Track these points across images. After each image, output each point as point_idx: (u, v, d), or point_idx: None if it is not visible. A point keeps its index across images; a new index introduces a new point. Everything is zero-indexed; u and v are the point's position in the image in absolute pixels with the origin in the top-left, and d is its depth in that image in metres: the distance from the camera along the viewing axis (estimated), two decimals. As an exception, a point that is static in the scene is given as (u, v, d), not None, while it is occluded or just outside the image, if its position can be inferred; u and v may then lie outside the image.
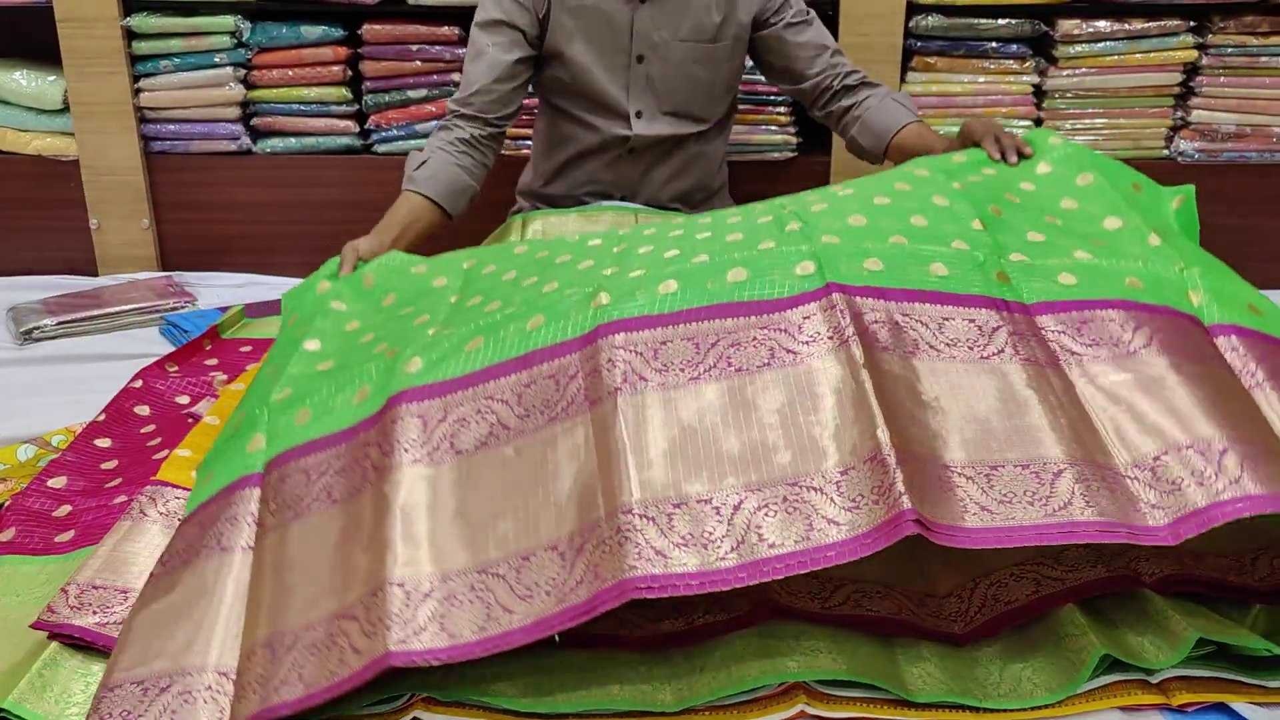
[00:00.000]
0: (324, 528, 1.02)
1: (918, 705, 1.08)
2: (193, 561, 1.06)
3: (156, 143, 2.42)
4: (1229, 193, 2.42)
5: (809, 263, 1.11)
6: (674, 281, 1.12)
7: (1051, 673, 1.11)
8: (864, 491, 0.94)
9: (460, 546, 0.97)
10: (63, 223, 2.44)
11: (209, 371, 1.85)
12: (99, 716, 1.00)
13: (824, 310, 1.07)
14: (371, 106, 2.38)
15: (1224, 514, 0.94)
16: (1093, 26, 2.31)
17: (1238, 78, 2.35)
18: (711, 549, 0.93)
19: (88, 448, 1.60)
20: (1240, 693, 1.09)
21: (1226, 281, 1.22)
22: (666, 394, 1.02)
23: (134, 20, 2.30)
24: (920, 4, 2.30)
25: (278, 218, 2.44)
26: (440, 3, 2.30)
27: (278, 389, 1.19)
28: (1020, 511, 0.95)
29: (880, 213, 1.23)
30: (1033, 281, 1.14)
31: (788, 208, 1.30)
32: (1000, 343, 1.06)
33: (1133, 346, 1.07)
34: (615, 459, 0.96)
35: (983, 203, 1.30)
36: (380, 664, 0.90)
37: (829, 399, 1.01)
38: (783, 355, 1.04)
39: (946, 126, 2.38)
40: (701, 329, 1.06)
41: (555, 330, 1.09)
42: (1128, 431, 1.01)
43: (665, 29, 1.89)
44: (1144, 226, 1.28)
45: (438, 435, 1.05)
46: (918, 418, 0.99)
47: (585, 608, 0.91)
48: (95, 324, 2.09)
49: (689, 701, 1.07)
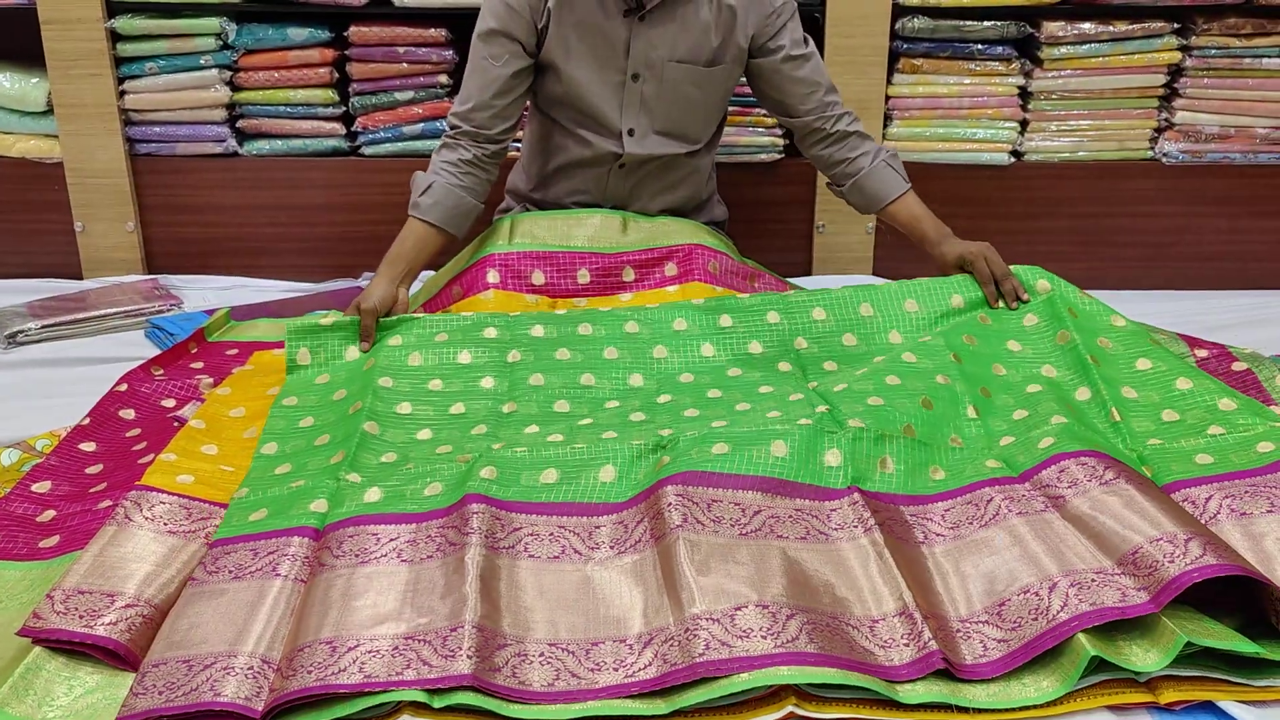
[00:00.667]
0: (391, 574, 1.22)
1: (906, 706, 1.09)
2: (245, 578, 1.24)
3: (141, 145, 2.40)
4: (1213, 194, 2.44)
5: (836, 451, 1.37)
6: (725, 445, 1.37)
7: (1041, 673, 1.12)
8: (895, 636, 1.15)
9: (537, 621, 1.17)
10: (47, 226, 2.42)
11: (194, 375, 1.84)
12: (143, 687, 1.09)
13: (849, 505, 1.32)
14: (358, 108, 2.38)
15: (1192, 579, 1.13)
16: (1077, 29, 2.32)
17: (1221, 79, 2.36)
18: (766, 640, 1.12)
19: (72, 452, 1.59)
20: (1227, 691, 1.10)
21: (1179, 441, 1.48)
22: (721, 539, 1.24)
23: (118, 22, 2.28)
24: (906, 6, 2.31)
25: (264, 220, 2.42)
26: (427, 5, 2.30)
27: (345, 469, 1.42)
28: (1028, 629, 1.16)
29: (894, 393, 1.52)
30: (1018, 456, 1.42)
31: (812, 382, 1.59)
32: (995, 509, 1.32)
33: (1107, 478, 1.32)
34: (680, 580, 1.18)
35: (975, 382, 1.59)
36: (458, 680, 1.07)
37: (858, 569, 1.23)
38: (817, 535, 1.28)
39: (933, 128, 2.40)
40: (747, 498, 1.31)
41: (625, 488, 1.36)
42: (1110, 537, 1.23)
43: (662, 49, 1.88)
44: (1107, 400, 1.56)
45: (514, 537, 1.28)
46: (933, 587, 1.23)
47: (654, 682, 1.10)
48: (80, 327, 2.08)
49: (679, 704, 1.08)
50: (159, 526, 1.34)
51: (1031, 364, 1.66)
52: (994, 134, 2.40)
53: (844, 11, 2.30)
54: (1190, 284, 2.45)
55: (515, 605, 1.18)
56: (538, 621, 1.17)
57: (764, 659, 1.09)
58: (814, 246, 2.47)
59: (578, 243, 1.90)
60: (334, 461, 1.45)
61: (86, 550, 1.28)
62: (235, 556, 1.27)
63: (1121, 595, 1.15)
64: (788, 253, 2.45)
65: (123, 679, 1.15)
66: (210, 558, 1.28)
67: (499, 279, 1.85)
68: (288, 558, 1.26)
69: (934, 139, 2.41)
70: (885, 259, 2.48)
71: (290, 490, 1.40)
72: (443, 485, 1.37)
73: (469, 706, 1.08)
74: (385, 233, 1.92)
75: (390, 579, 1.21)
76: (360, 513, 1.32)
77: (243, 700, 1.08)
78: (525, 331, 1.71)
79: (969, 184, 2.44)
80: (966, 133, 2.40)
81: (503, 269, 1.86)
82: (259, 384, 1.78)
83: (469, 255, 1.95)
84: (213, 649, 1.13)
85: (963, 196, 2.43)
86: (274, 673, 1.11)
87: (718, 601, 1.15)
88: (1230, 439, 1.47)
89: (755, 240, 2.29)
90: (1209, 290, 2.41)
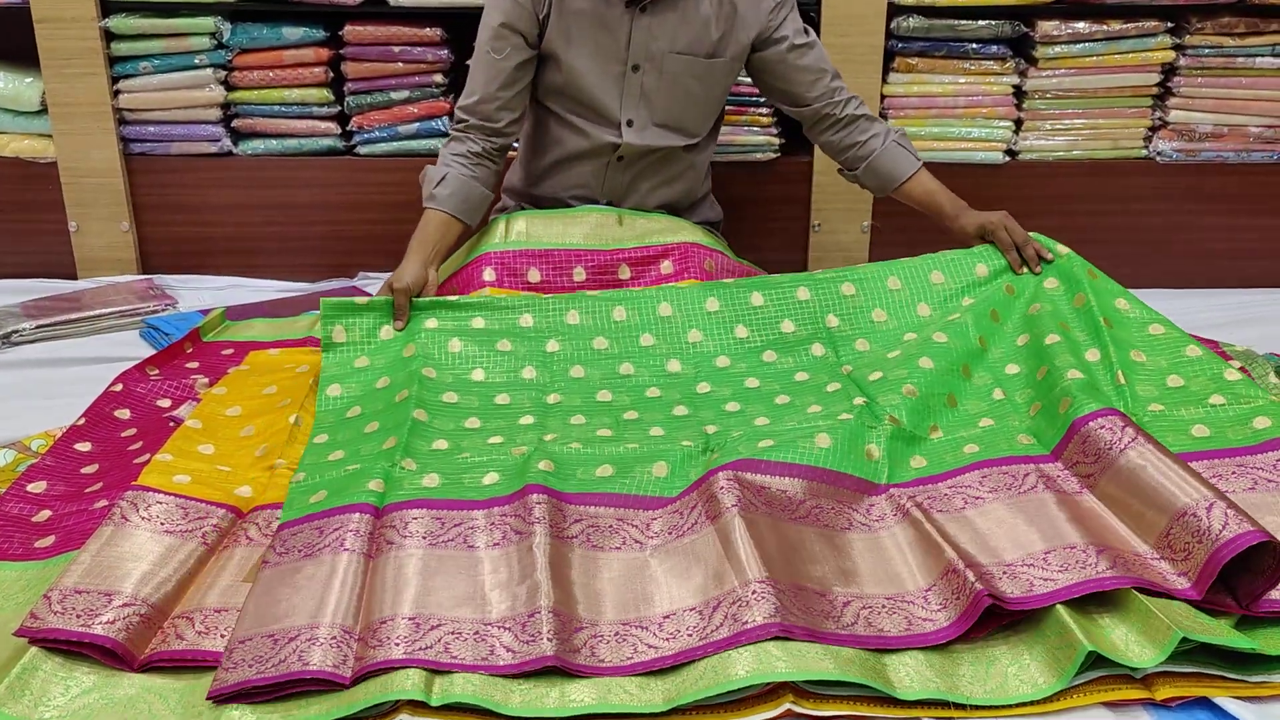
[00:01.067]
0: (462, 559, 1.27)
1: (904, 703, 1.09)
2: (315, 555, 1.28)
3: (136, 144, 2.40)
4: (1206, 192, 2.44)
5: (874, 447, 1.46)
6: (770, 439, 1.44)
7: (1037, 670, 1.12)
8: (947, 596, 1.21)
9: (603, 604, 1.23)
10: (41, 225, 2.42)
11: (190, 375, 1.84)
12: (232, 662, 1.13)
13: (886, 499, 1.40)
14: (354, 108, 2.37)
15: (1222, 559, 1.19)
16: (1072, 28, 2.32)
17: (1214, 78, 2.37)
18: (828, 621, 1.18)
19: (68, 452, 1.59)
20: (1223, 687, 1.11)
21: (1180, 410, 1.54)
22: (773, 521, 1.31)
23: (112, 21, 2.28)
24: (901, 5, 2.31)
25: (259, 220, 2.42)
26: (422, 4, 2.29)
27: (400, 454, 1.46)
28: (1073, 575, 1.22)
29: (927, 379, 1.60)
30: (1046, 432, 1.50)
31: (845, 365, 1.67)
32: (1031, 483, 1.40)
33: (1124, 442, 1.38)
34: (739, 551, 1.23)
35: (1000, 363, 1.67)
36: (541, 661, 1.12)
37: (897, 553, 1.30)
38: (860, 527, 1.36)
39: (928, 127, 2.40)
40: (794, 485, 1.38)
41: (679, 484, 1.41)
42: (1145, 509, 1.30)
43: (663, 40, 1.89)
44: (1115, 363, 1.62)
45: (576, 527, 1.33)
46: (978, 543, 1.30)
47: (727, 642, 1.13)
48: (74, 327, 2.07)
49: (677, 702, 1.09)
50: (156, 526, 1.33)
51: (1052, 318, 1.71)
52: (989, 133, 2.40)
53: (840, 11, 2.30)
54: (1184, 282, 2.45)
55: (588, 591, 1.24)
56: (608, 605, 1.22)
57: (830, 637, 1.14)
58: (810, 245, 2.48)
59: (574, 240, 1.91)
60: (387, 447, 1.48)
61: (84, 550, 1.28)
62: (302, 536, 1.32)
63: (1162, 577, 1.22)
64: (784, 251, 2.45)
65: (120, 679, 1.15)
66: (279, 540, 1.32)
67: (495, 277, 1.85)
68: (351, 532, 1.30)
69: (929, 138, 2.41)
70: (881, 257, 2.47)
71: (346, 473, 1.44)
72: (500, 475, 1.41)
73: (467, 705, 1.08)
74: (381, 232, 1.92)
75: (461, 563, 1.26)
76: (421, 496, 1.37)
77: (330, 668, 1.12)
78: (561, 319, 1.76)
79: (964, 183, 2.43)
80: (962, 131, 2.40)
81: (498, 267, 1.86)
82: (255, 384, 1.77)
83: (464, 254, 1.95)
84: (295, 622, 1.17)
85: (958, 195, 2.44)
86: (356, 642, 1.15)
87: (779, 573, 1.20)
88: (1230, 411, 1.52)
89: (751, 239, 2.29)
90: (1203, 288, 2.41)
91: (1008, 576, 1.22)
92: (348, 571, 1.24)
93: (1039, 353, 1.64)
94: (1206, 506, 1.24)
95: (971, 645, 1.16)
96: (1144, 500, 1.30)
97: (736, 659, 1.10)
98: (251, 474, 1.49)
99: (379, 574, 1.24)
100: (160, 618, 1.22)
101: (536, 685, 1.11)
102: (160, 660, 1.17)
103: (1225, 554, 1.18)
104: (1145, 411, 1.54)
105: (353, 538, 1.29)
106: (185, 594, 1.27)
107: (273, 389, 1.75)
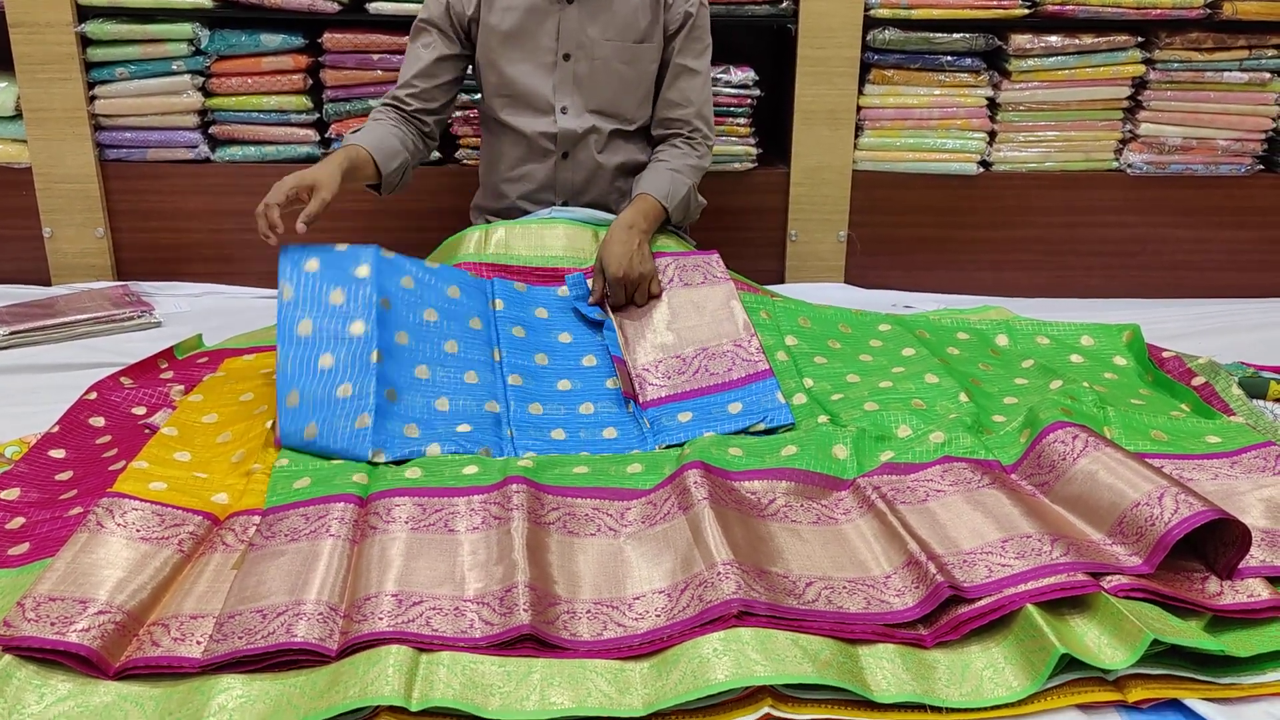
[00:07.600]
0: (443, 542, 1.33)
1: (881, 706, 1.10)
2: (301, 539, 1.33)
3: (112, 150, 2.39)
4: (1175, 204, 2.49)
5: (842, 447, 1.52)
6: (739, 449, 1.52)
7: (1011, 673, 1.14)
8: (908, 584, 1.25)
9: (580, 584, 1.27)
10: (15, 231, 2.40)
11: (165, 383, 1.83)
12: (222, 634, 1.17)
13: (852, 493, 1.45)
14: (332, 115, 2.37)
15: (1173, 537, 1.24)
16: (1044, 42, 2.36)
17: (1183, 92, 2.41)
18: (789, 598, 1.22)
19: (42, 459, 1.58)
20: (1193, 689, 1.12)
21: (1135, 416, 1.63)
22: (742, 516, 1.36)
23: (89, 26, 2.27)
24: (877, 18, 2.34)
25: (236, 227, 2.41)
26: (401, 12, 2.30)
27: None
28: (1028, 562, 1.26)
29: (888, 396, 1.68)
30: (1009, 450, 1.54)
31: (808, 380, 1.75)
32: (987, 481, 1.44)
33: (1076, 452, 1.43)
34: (708, 537, 1.28)
35: (964, 376, 1.77)
36: (515, 631, 1.16)
37: (860, 542, 1.35)
38: (827, 520, 1.41)
39: (903, 138, 2.43)
40: (762, 485, 1.46)
41: (652, 477, 1.47)
42: (1099, 505, 1.35)
43: (593, 28, 1.96)
44: (1079, 389, 1.68)
45: (554, 515, 1.38)
46: (938, 534, 1.34)
47: (694, 619, 1.18)
48: (49, 334, 2.06)
49: (656, 706, 1.09)
50: (132, 533, 1.33)
51: (1015, 361, 1.86)
52: (963, 144, 2.43)
53: (816, 23, 2.33)
54: (1153, 292, 2.49)
55: (565, 572, 1.28)
56: (584, 585, 1.27)
57: (789, 611, 1.18)
58: (786, 254, 2.50)
59: (554, 252, 1.92)
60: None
61: (58, 557, 1.26)
62: (289, 522, 1.36)
63: (1115, 559, 1.26)
64: (761, 260, 2.47)
65: (95, 687, 1.14)
66: (265, 525, 1.37)
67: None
68: (336, 519, 1.35)
69: (904, 149, 2.44)
70: (856, 267, 2.51)
71: (331, 464, 1.50)
72: (480, 468, 1.48)
73: (446, 709, 1.08)
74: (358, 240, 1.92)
75: (442, 546, 1.31)
76: (404, 486, 1.43)
77: (316, 640, 1.16)
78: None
79: (938, 193, 2.47)
80: (936, 143, 2.43)
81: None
82: (231, 390, 1.76)
83: (444, 257, 1.95)
84: (281, 599, 1.21)
85: (932, 206, 2.47)
86: (341, 618, 1.20)
87: (744, 557, 1.25)
88: (1185, 424, 1.62)
89: (729, 248, 2.29)
90: (1171, 299, 2.45)
91: (966, 565, 1.27)
92: (333, 555, 1.29)
93: (1006, 389, 1.74)
94: (1158, 495, 1.28)
95: (947, 649, 1.18)
96: (1097, 498, 1.35)
97: (716, 664, 1.10)
98: (228, 480, 1.49)
99: (364, 556, 1.29)
100: (136, 625, 1.21)
101: (516, 688, 1.11)
102: (136, 667, 1.16)
103: (1177, 532, 1.23)
104: (1108, 414, 1.61)
105: (338, 524, 1.34)
106: (161, 601, 1.26)
107: (249, 395, 1.74)
